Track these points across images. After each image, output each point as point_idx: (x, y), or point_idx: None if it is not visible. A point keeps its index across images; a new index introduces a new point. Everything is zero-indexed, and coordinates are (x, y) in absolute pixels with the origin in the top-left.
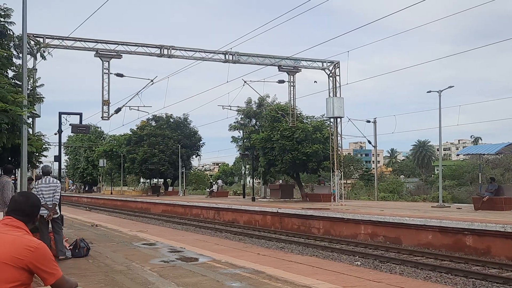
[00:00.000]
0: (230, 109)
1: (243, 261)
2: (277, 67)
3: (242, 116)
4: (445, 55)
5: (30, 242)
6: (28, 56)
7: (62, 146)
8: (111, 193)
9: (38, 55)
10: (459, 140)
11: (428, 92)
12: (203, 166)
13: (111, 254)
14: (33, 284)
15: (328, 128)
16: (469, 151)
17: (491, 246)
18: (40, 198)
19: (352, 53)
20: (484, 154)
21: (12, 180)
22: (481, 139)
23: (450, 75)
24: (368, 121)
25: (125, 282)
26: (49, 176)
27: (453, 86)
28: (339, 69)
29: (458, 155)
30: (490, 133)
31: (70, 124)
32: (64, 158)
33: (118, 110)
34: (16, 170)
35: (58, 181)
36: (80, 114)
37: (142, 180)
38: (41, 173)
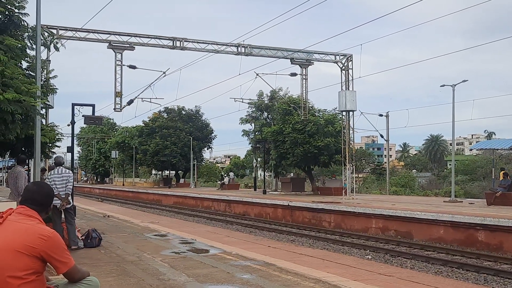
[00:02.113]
0: (242, 102)
1: (253, 253)
2: (289, 60)
3: (254, 109)
4: (459, 48)
5: (43, 231)
6: (42, 48)
7: (74, 137)
8: (123, 185)
9: (52, 46)
10: (472, 135)
11: (441, 86)
12: (214, 159)
13: (123, 244)
14: (46, 273)
15: (340, 121)
16: (482, 146)
17: (503, 241)
18: (53, 188)
19: (365, 46)
20: (497, 149)
21: (26, 170)
22: (494, 134)
23: (464, 69)
24: (381, 115)
25: (136, 273)
26: (61, 167)
27: (467, 80)
28: (352, 62)
29: (471, 150)
30: (504, 128)
31: (83, 115)
32: (76, 149)
33: (130, 102)
34: (29, 160)
35: (71, 172)
36: (93, 106)
37: (153, 171)
38: (53, 164)
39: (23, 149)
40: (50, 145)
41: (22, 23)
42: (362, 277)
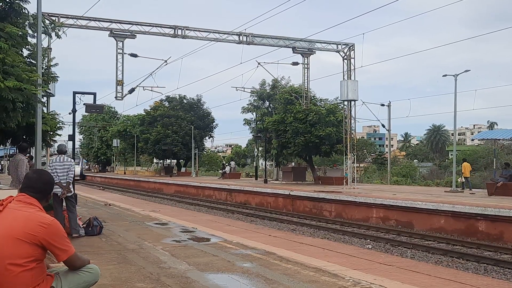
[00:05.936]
0: (244, 91)
1: (254, 242)
2: (291, 49)
3: (256, 98)
4: (462, 38)
5: (43, 218)
6: (43, 35)
7: (76, 126)
8: (125, 173)
9: (53, 34)
10: (474, 125)
11: (444, 75)
12: (216, 148)
13: (124, 233)
14: (47, 260)
15: (341, 111)
16: (484, 136)
17: (504, 231)
18: (54, 177)
19: (368, 35)
20: (499, 140)
21: (27, 158)
22: (497, 124)
23: (467, 59)
24: (382, 105)
25: (137, 261)
26: (63, 155)
27: (469, 70)
28: (354, 52)
29: (473, 140)
30: (506, 118)
31: (84, 104)
32: (78, 137)
33: (131, 90)
34: (31, 148)
35: (73, 160)
36: (94, 94)
37: (155, 160)
38: (55, 152)
39: (24, 137)
40: (51, 133)
41: (23, 10)
42: (362, 266)
